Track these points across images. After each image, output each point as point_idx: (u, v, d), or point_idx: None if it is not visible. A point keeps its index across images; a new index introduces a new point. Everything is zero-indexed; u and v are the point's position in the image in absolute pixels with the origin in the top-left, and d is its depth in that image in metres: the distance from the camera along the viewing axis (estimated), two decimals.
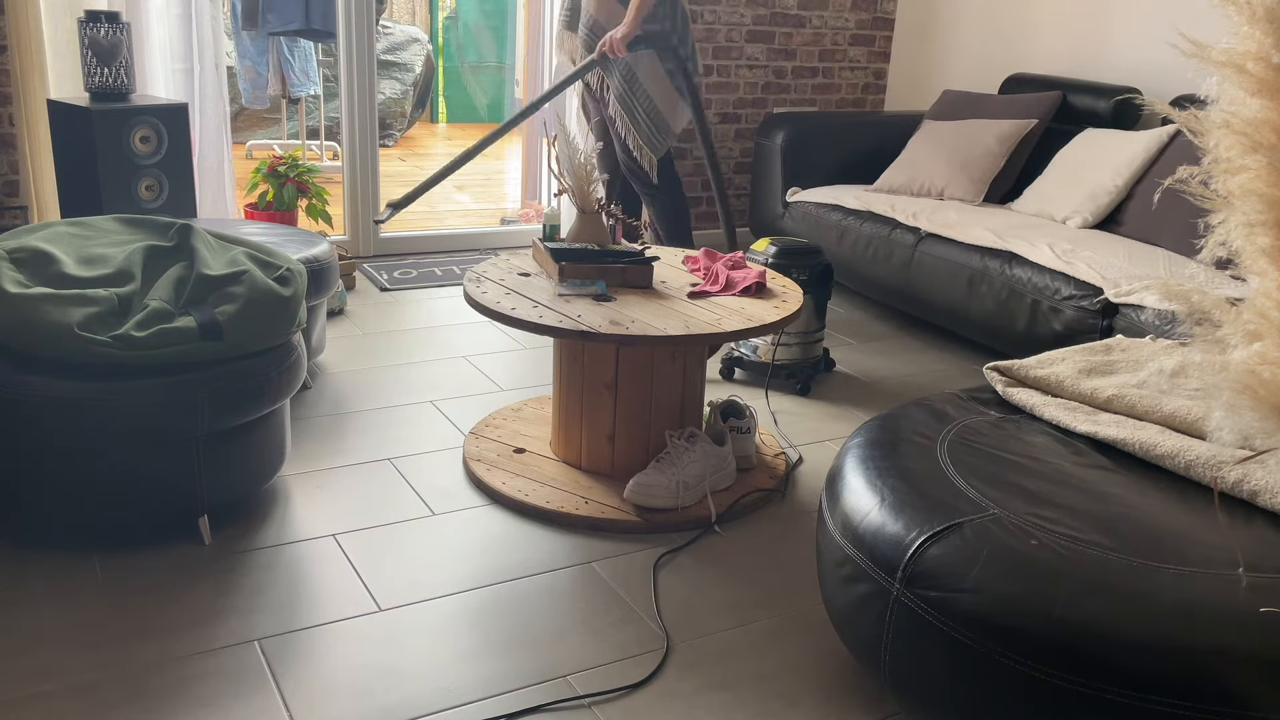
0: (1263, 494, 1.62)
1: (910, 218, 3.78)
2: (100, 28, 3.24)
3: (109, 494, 2.06)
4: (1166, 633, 1.33)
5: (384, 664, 1.84)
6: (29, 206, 3.62)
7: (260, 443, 2.25)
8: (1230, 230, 1.75)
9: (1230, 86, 1.71)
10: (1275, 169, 1.68)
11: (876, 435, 1.87)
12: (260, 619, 1.95)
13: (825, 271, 3.23)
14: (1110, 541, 1.51)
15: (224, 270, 2.22)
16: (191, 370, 2.06)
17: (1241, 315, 1.77)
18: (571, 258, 2.60)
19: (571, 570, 2.17)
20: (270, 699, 1.74)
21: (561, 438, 2.60)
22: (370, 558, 2.17)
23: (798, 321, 3.17)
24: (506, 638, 1.94)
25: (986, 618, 1.43)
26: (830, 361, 3.39)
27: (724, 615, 2.04)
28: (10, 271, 2.10)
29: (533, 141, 5.59)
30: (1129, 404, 1.91)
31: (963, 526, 1.55)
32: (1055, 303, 3.17)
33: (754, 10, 4.84)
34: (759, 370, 3.25)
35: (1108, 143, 3.77)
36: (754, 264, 2.78)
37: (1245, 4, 1.67)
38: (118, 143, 3.22)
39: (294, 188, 4.09)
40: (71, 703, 1.70)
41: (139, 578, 2.05)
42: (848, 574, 1.66)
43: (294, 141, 6.96)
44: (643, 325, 2.30)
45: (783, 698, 1.81)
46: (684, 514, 2.36)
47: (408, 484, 2.49)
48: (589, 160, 2.76)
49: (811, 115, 4.54)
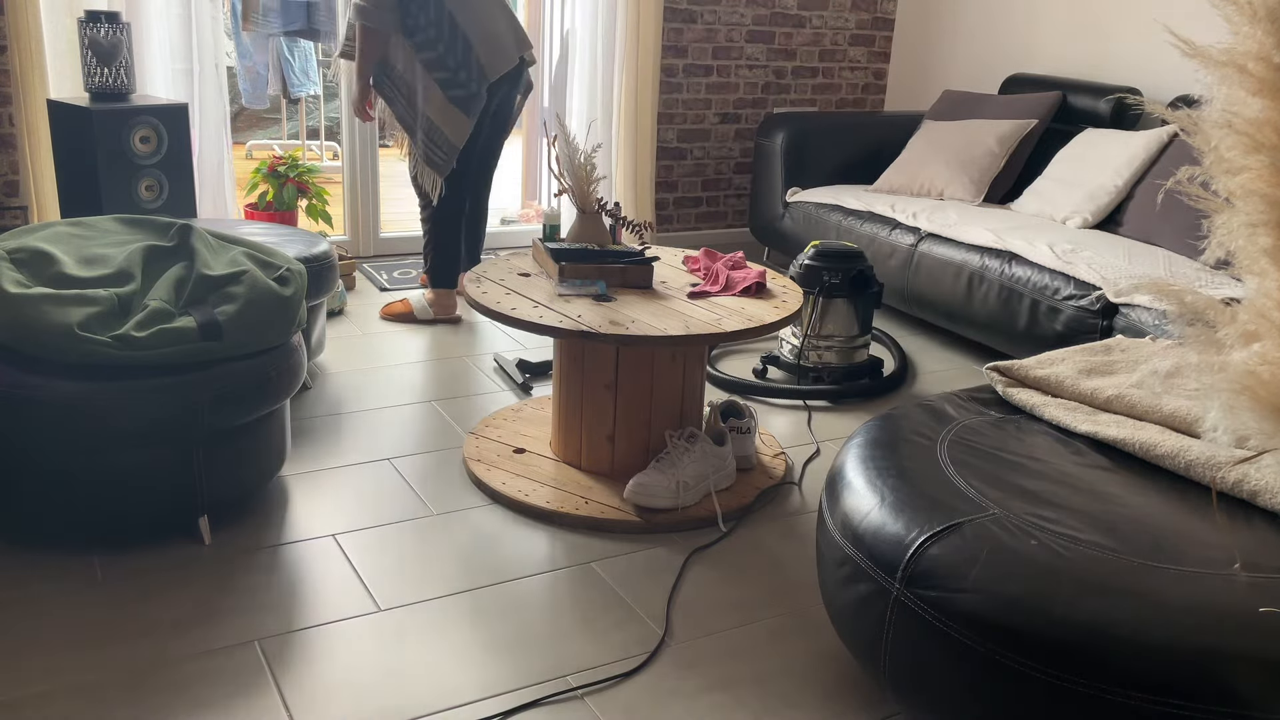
0: (1262, 494, 1.62)
1: (910, 218, 3.78)
2: (100, 28, 3.24)
3: (109, 494, 2.06)
4: (1166, 633, 1.33)
5: (384, 664, 1.84)
6: (29, 206, 3.62)
7: (260, 443, 2.25)
8: (1231, 231, 1.75)
9: (1231, 87, 1.71)
10: (1277, 169, 1.68)
11: (876, 435, 1.87)
12: (260, 619, 1.95)
13: (861, 277, 3.18)
14: (1110, 541, 1.51)
15: (224, 270, 2.22)
16: (191, 370, 2.06)
17: (1239, 316, 1.77)
18: (571, 258, 2.60)
19: (571, 570, 2.17)
20: (270, 699, 1.74)
21: (561, 438, 2.60)
22: (370, 558, 2.17)
23: (836, 325, 3.18)
24: (506, 638, 1.94)
25: (986, 618, 1.43)
26: (878, 370, 3.31)
27: (724, 615, 2.04)
28: (10, 271, 2.10)
29: (533, 142, 5.59)
30: (1129, 404, 1.91)
31: (963, 526, 1.55)
32: (1055, 303, 3.17)
33: (754, 10, 4.84)
34: (793, 371, 3.26)
35: (1108, 143, 3.77)
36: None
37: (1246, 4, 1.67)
38: (118, 143, 3.22)
39: (294, 188, 4.09)
40: (71, 703, 1.70)
41: (139, 578, 2.05)
42: (848, 574, 1.65)
43: (294, 141, 6.96)
44: (643, 325, 2.29)
45: (783, 698, 1.81)
46: (684, 514, 2.36)
47: (408, 484, 2.49)
48: (589, 160, 2.76)
49: (811, 115, 4.54)
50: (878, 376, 3.28)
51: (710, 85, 4.86)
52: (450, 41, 3.33)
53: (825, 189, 4.28)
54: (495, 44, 3.38)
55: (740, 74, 4.91)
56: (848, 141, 4.47)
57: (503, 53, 3.39)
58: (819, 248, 3.23)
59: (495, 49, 3.38)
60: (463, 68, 3.33)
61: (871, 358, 3.32)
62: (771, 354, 3.36)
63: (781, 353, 3.32)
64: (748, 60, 4.91)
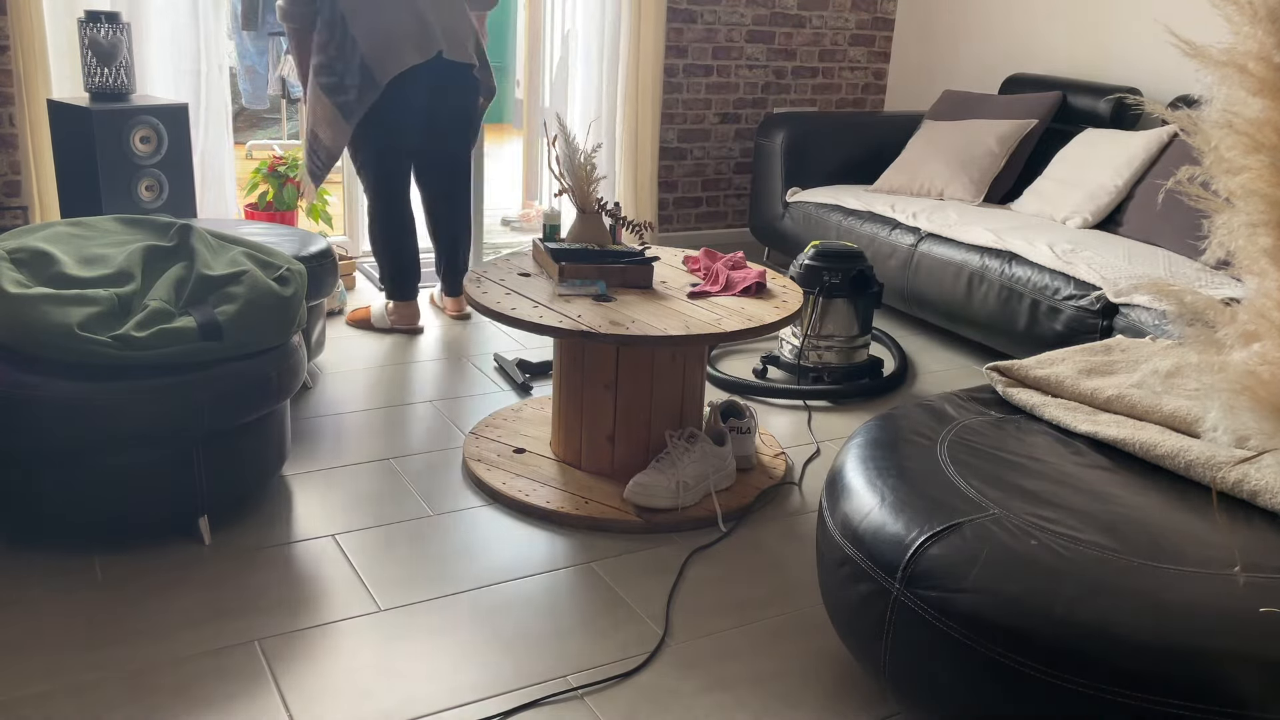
0: (1262, 494, 1.62)
1: (910, 218, 3.78)
2: (100, 28, 3.24)
3: (109, 494, 2.06)
4: (1166, 633, 1.33)
5: (384, 664, 1.84)
6: (29, 206, 3.62)
7: (260, 443, 2.25)
8: (1231, 231, 1.75)
9: (1231, 87, 1.71)
10: (1277, 169, 1.68)
11: (876, 435, 1.87)
12: (260, 619, 1.95)
13: (861, 277, 3.18)
14: (1110, 541, 1.51)
15: (224, 270, 2.22)
16: (191, 370, 2.06)
17: (1239, 316, 1.77)
18: (571, 258, 2.60)
19: (571, 570, 2.17)
20: (270, 699, 1.74)
21: (561, 438, 2.60)
22: (370, 558, 2.17)
23: (836, 325, 3.18)
24: (506, 638, 1.94)
25: (986, 618, 1.43)
26: (878, 370, 3.31)
27: (724, 615, 2.04)
28: (10, 272, 2.10)
29: (533, 142, 5.59)
30: (1129, 404, 1.91)
31: (963, 526, 1.55)
32: (1055, 302, 3.17)
33: (754, 10, 4.84)
34: (793, 371, 3.25)
35: (1108, 143, 3.77)
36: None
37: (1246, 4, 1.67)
38: (118, 143, 3.22)
39: (294, 188, 4.09)
40: (71, 703, 1.70)
41: (139, 578, 2.05)
42: (848, 574, 1.65)
43: (294, 141, 6.96)
44: (643, 325, 2.29)
45: (783, 698, 1.81)
46: (684, 514, 2.36)
47: (408, 484, 2.49)
48: (589, 160, 2.76)
49: (811, 115, 4.54)
50: (878, 376, 3.28)
51: (710, 85, 4.86)
52: (340, 43, 3.15)
53: (825, 189, 4.28)
54: (389, 42, 3.14)
55: (740, 74, 4.91)
56: (848, 141, 4.47)
57: (395, 52, 3.15)
58: (819, 248, 3.23)
59: (388, 47, 3.14)
60: (348, 71, 3.14)
61: (871, 358, 3.32)
62: (771, 354, 3.36)
63: (781, 353, 3.32)
64: (748, 60, 4.91)
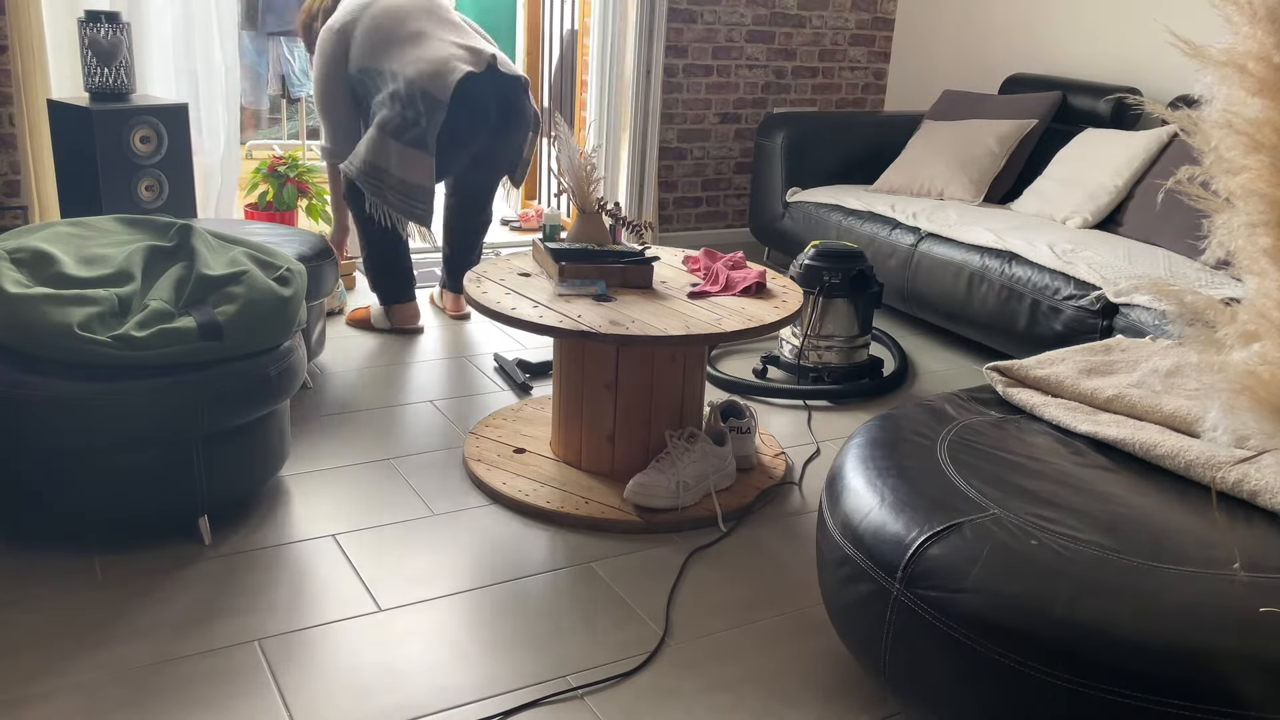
0: (1263, 494, 1.62)
1: (910, 218, 3.78)
2: (100, 28, 3.24)
3: (109, 494, 2.06)
4: (1166, 633, 1.33)
5: (384, 664, 1.84)
6: (29, 206, 3.62)
7: (260, 443, 2.25)
8: (1231, 231, 1.75)
9: (1231, 87, 1.71)
10: (1277, 169, 1.68)
11: (876, 435, 1.87)
12: (260, 619, 1.95)
13: (861, 277, 3.18)
14: (1110, 541, 1.51)
15: (224, 270, 2.22)
16: (191, 370, 2.06)
17: (1239, 316, 1.77)
18: (571, 258, 2.60)
19: (571, 570, 2.17)
20: (270, 699, 1.74)
21: (561, 438, 2.60)
22: (370, 558, 2.17)
23: (836, 325, 3.18)
24: (506, 638, 1.94)
25: (986, 618, 1.43)
26: (878, 370, 3.31)
27: (724, 615, 2.04)
28: (10, 271, 2.10)
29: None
30: (1129, 404, 1.91)
31: (963, 526, 1.55)
32: (1055, 302, 3.17)
33: (754, 10, 4.84)
34: (793, 371, 3.26)
35: (1108, 143, 3.77)
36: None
37: (1246, 4, 1.67)
38: (118, 143, 3.22)
39: (294, 188, 4.09)
40: (71, 703, 1.70)
41: (139, 578, 2.05)
42: (848, 574, 1.65)
43: (294, 141, 6.96)
44: (643, 325, 2.30)
45: (783, 698, 1.81)
46: (684, 514, 2.36)
47: (408, 484, 2.49)
48: (589, 161, 2.76)
49: (811, 115, 4.54)
50: (878, 376, 3.28)
51: (710, 85, 4.86)
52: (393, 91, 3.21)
53: (825, 189, 4.28)
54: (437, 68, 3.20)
55: (740, 74, 4.91)
56: (848, 141, 4.47)
57: (449, 68, 3.21)
58: (819, 248, 3.23)
59: (437, 73, 3.20)
60: (410, 104, 3.19)
61: (871, 358, 3.32)
62: (771, 354, 3.36)
63: (781, 353, 3.32)
64: (748, 60, 4.91)
